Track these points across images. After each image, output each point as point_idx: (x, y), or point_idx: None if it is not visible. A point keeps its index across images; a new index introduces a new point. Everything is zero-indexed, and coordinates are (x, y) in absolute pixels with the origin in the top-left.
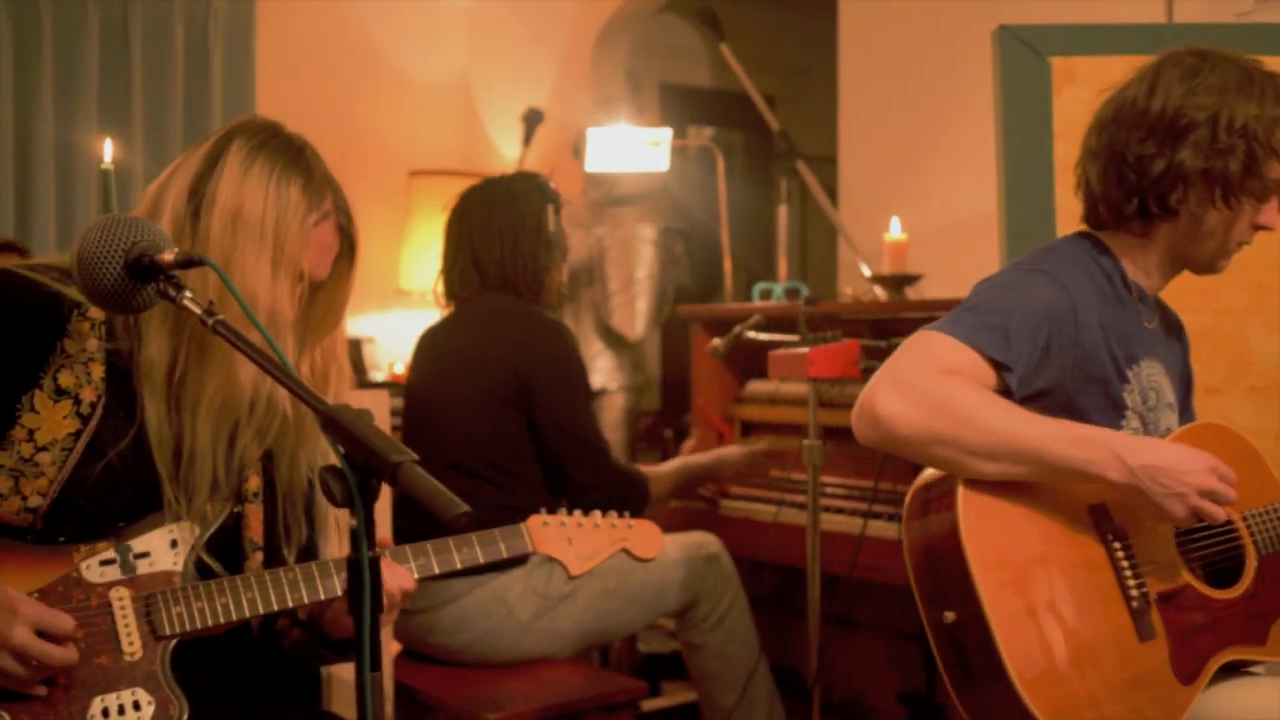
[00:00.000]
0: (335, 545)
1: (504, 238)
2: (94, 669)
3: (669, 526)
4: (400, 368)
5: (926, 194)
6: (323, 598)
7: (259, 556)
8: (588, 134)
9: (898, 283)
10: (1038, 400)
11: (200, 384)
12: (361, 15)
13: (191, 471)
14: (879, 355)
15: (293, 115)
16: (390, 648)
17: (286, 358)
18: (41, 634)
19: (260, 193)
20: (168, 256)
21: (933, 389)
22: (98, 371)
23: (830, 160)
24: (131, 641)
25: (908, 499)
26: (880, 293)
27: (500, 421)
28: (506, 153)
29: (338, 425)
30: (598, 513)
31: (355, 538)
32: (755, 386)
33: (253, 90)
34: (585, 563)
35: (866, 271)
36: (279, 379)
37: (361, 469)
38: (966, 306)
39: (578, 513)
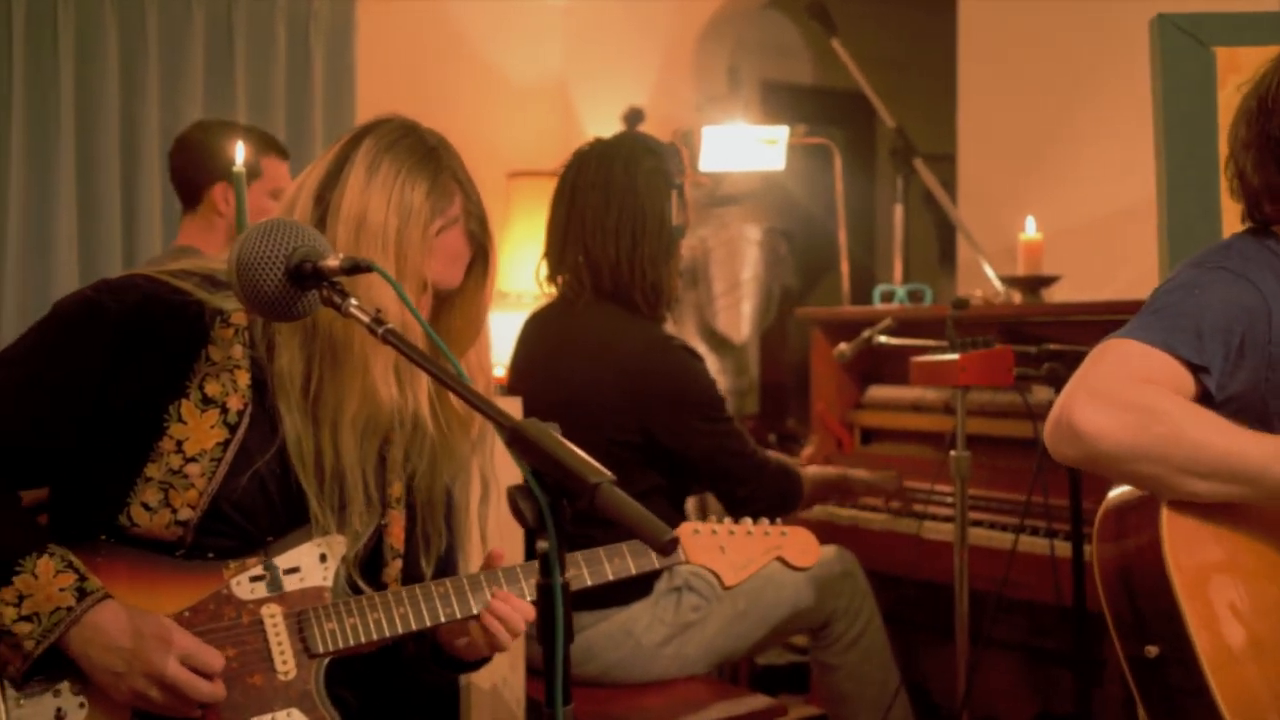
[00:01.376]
0: (476, 558)
1: (621, 239)
2: (247, 689)
3: None
4: (500, 371)
5: (1058, 191)
6: (475, 612)
7: (398, 564)
8: (703, 132)
9: (1033, 285)
10: (1227, 406)
11: (338, 399)
12: (460, 15)
13: (339, 488)
14: (1031, 362)
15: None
16: (519, 663)
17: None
18: (191, 668)
19: (383, 200)
20: (332, 262)
21: (1136, 400)
22: (243, 379)
23: (933, 157)
24: (285, 660)
25: (1099, 519)
26: (1014, 295)
27: (619, 458)
28: None
29: (527, 442)
30: (749, 520)
31: (546, 562)
32: (877, 392)
33: (353, 91)
34: (740, 572)
35: (991, 273)
36: (457, 391)
37: (552, 489)
38: (1151, 310)
39: (728, 520)
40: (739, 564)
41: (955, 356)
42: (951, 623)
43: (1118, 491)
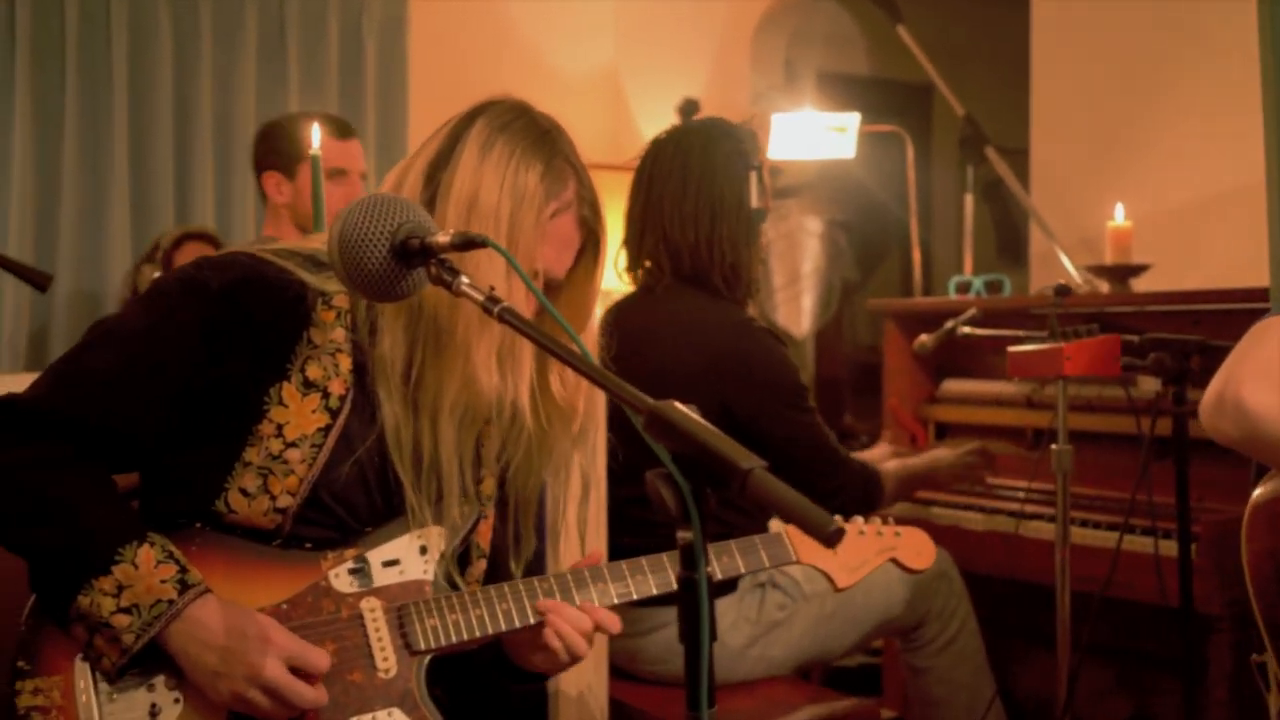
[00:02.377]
0: (573, 557)
1: (700, 222)
2: (347, 686)
3: None
4: None
5: (1139, 179)
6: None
7: (483, 564)
8: (772, 119)
9: (1121, 274)
10: None
11: (438, 387)
12: (511, 8)
13: (436, 479)
14: (1137, 351)
15: (444, 108)
16: (602, 664)
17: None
18: (293, 669)
19: (496, 181)
20: (442, 238)
21: None
22: (345, 364)
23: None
24: (386, 657)
25: (1248, 517)
26: (1101, 285)
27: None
28: None
29: (667, 425)
30: (860, 520)
31: (689, 555)
32: (952, 385)
33: (405, 84)
34: (853, 574)
35: (1067, 262)
36: (583, 371)
37: (696, 475)
38: None
39: (838, 518)
40: (852, 565)
41: (1060, 345)
42: (1040, 624)
43: (1267, 488)
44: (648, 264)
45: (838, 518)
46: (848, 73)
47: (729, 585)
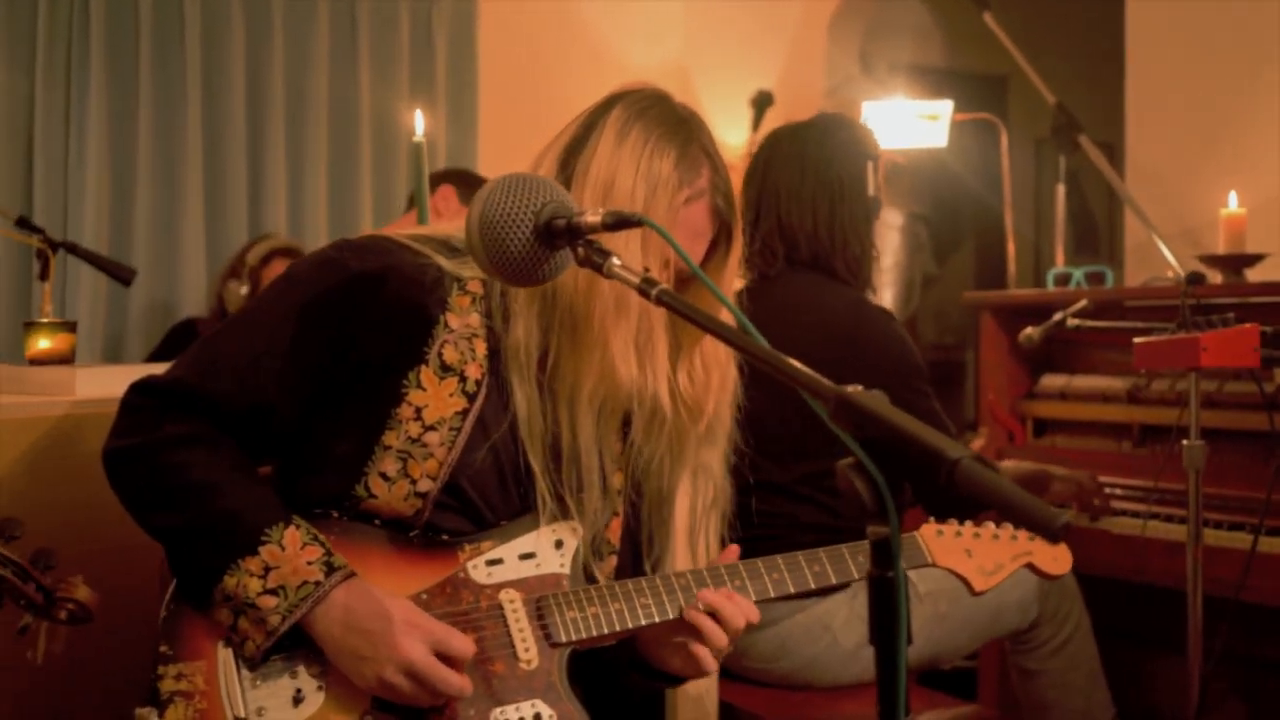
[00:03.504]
0: (683, 556)
1: (818, 207)
2: (489, 677)
3: None
4: None
5: (1250, 166)
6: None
7: (612, 561)
8: (864, 108)
9: (1236, 263)
10: None
11: (576, 375)
12: (581, 3)
13: (575, 470)
14: (1273, 343)
15: (514, 104)
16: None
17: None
18: (439, 655)
19: (631, 166)
20: (592, 218)
21: None
22: (481, 348)
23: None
24: (527, 649)
25: None
26: (1214, 275)
27: (816, 431)
28: (732, 139)
29: (860, 413)
30: (991, 524)
31: (881, 551)
32: (1051, 380)
33: (475, 81)
34: (989, 578)
35: (1167, 252)
36: (753, 354)
37: (891, 466)
38: None
39: (970, 523)
40: (987, 569)
41: (1195, 336)
42: (1156, 628)
43: None
44: (759, 250)
45: (967, 524)
46: (924, 64)
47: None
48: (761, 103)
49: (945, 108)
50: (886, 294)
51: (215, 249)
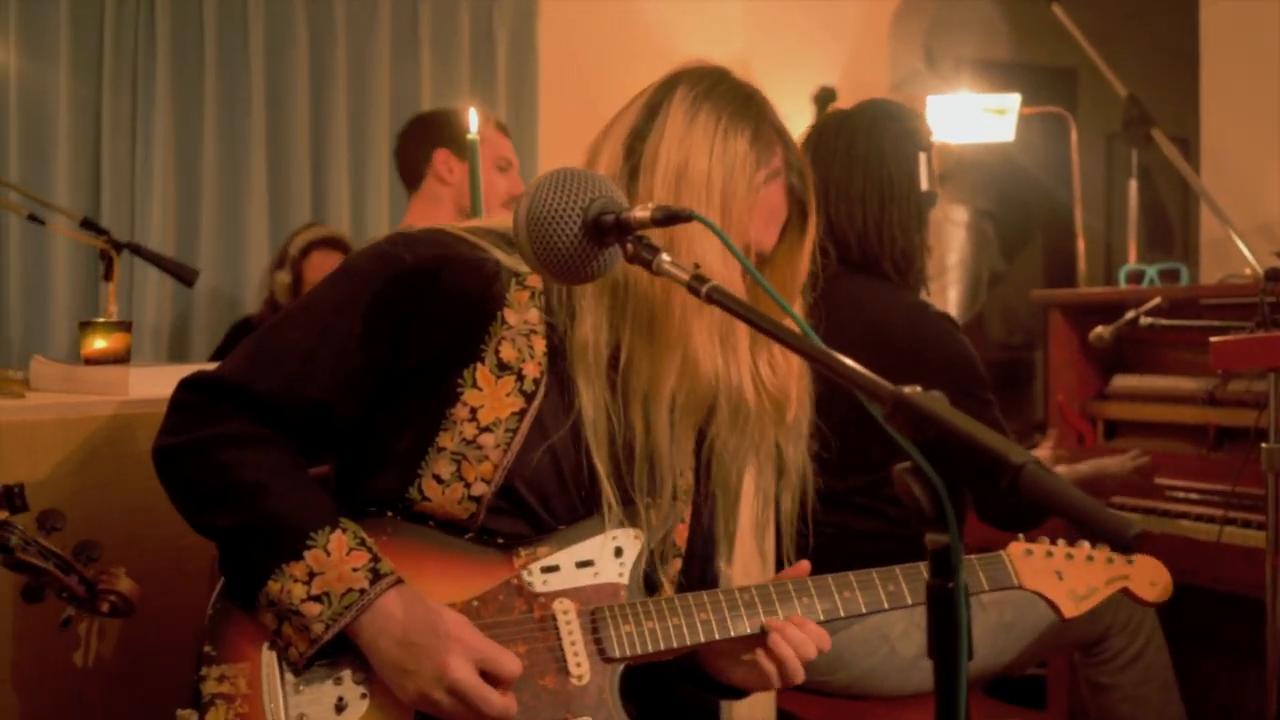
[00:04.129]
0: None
1: (868, 204)
2: (538, 692)
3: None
4: None
5: None
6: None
7: (677, 564)
8: (928, 102)
9: None
10: None
11: (654, 372)
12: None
13: (648, 471)
14: None
15: (574, 101)
16: None
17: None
18: (483, 672)
19: (705, 147)
20: (641, 213)
21: None
22: (540, 346)
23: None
24: (579, 663)
25: None
26: None
27: (877, 441)
28: (794, 136)
29: (918, 415)
30: (1085, 544)
31: (941, 560)
32: (1123, 381)
33: (535, 78)
34: (1080, 603)
35: (1245, 249)
36: (809, 354)
37: (954, 472)
38: None
39: (1061, 543)
40: (1080, 593)
41: (1276, 334)
42: (1235, 637)
43: None
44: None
45: (1059, 544)
46: (990, 58)
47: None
48: (824, 99)
49: (1012, 101)
50: (952, 292)
51: (279, 243)
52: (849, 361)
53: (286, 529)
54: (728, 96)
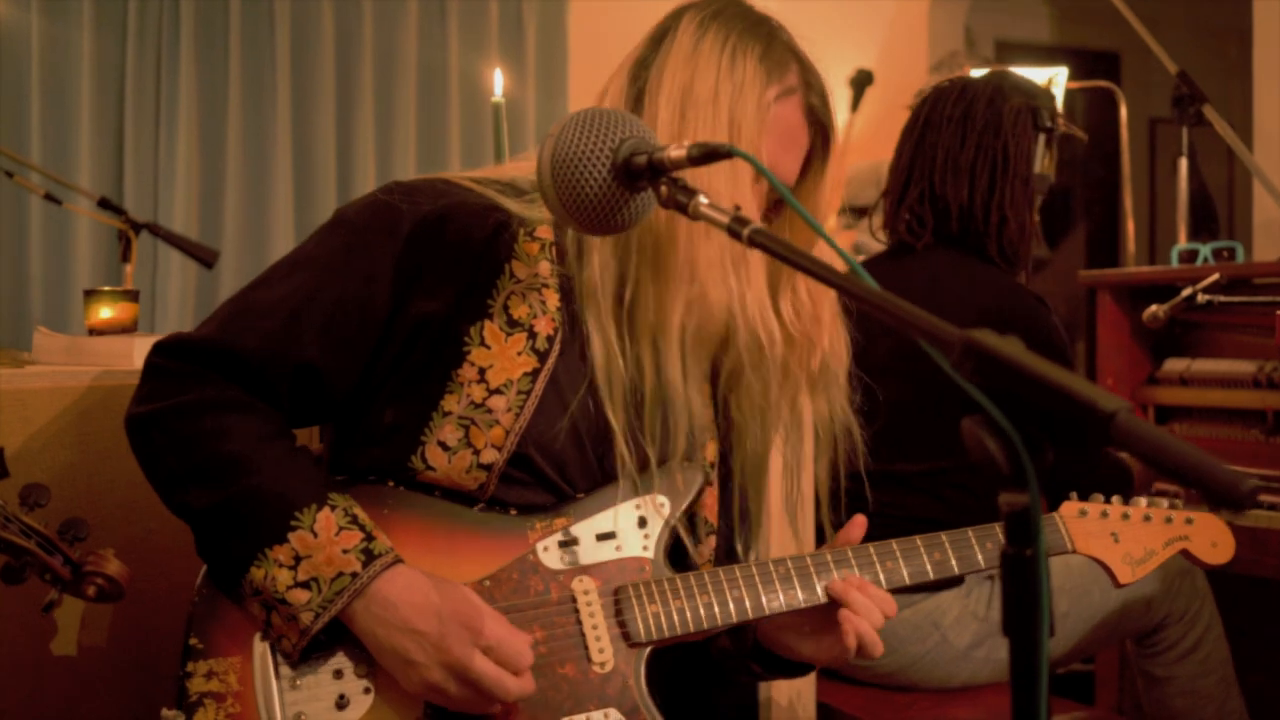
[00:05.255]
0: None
1: (978, 178)
2: (557, 681)
3: None
4: None
5: None
6: (824, 600)
7: (712, 541)
8: (971, 75)
9: None
10: None
11: (660, 304)
12: None
13: (659, 419)
14: None
15: (603, 70)
16: None
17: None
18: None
19: (712, 66)
20: (676, 152)
21: None
22: (552, 300)
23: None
24: (601, 649)
25: None
26: None
27: (952, 425)
28: None
29: (994, 361)
30: (1142, 500)
31: (1018, 523)
32: (1175, 365)
33: (565, 55)
34: (1137, 568)
35: None
36: (859, 297)
37: (1032, 423)
38: None
39: (1116, 500)
40: (1136, 557)
41: None
42: None
43: None
44: (906, 218)
45: (1114, 502)
46: (1031, 40)
47: (957, 577)
48: (861, 82)
49: (1060, 75)
50: None
51: (303, 230)
52: (906, 303)
53: (268, 508)
54: (738, 17)
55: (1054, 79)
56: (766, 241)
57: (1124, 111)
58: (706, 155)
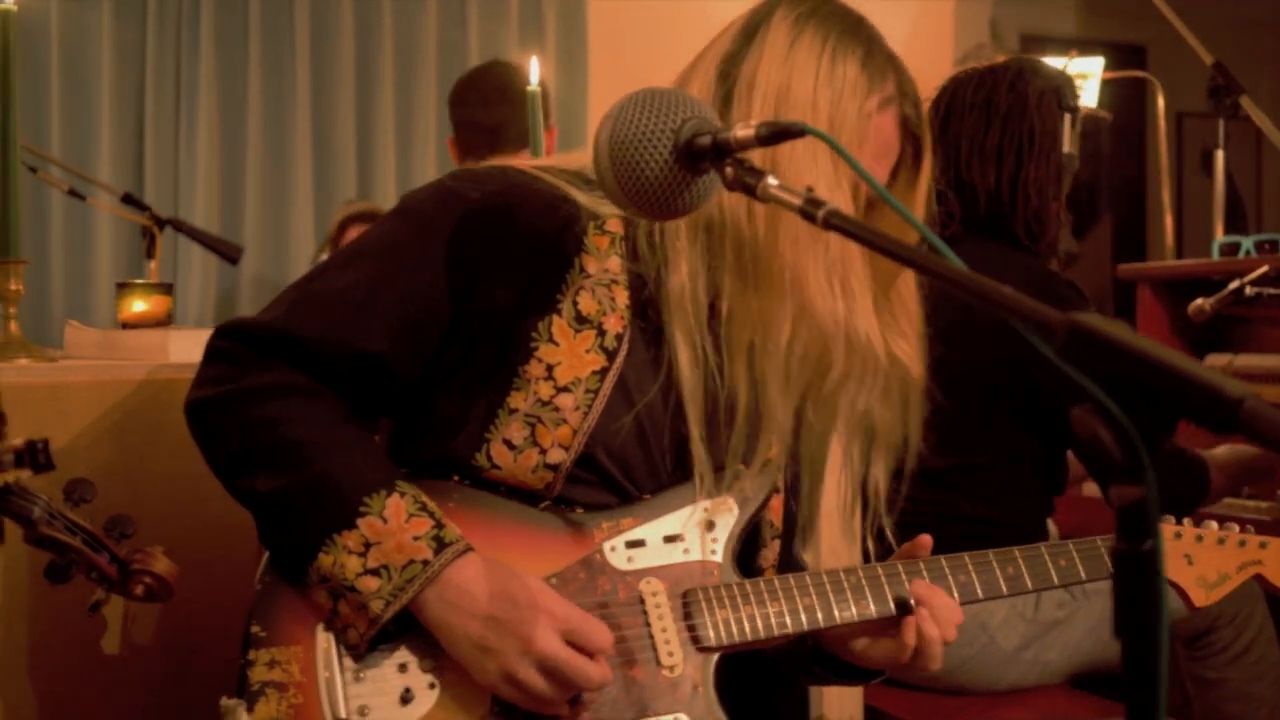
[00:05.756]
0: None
1: (1004, 160)
2: (627, 684)
3: None
4: None
5: None
6: (894, 613)
7: (776, 547)
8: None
9: None
10: None
11: (763, 322)
12: None
13: (745, 435)
14: None
15: (623, 69)
16: None
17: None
18: (570, 644)
19: (810, 69)
20: (743, 132)
21: None
22: (622, 297)
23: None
24: (671, 652)
25: None
26: None
27: (994, 421)
28: None
29: (1105, 343)
30: (1213, 524)
31: (1131, 518)
32: (1217, 361)
33: (585, 48)
34: (1212, 591)
35: None
36: (958, 284)
37: (1147, 411)
38: None
39: (1188, 523)
40: (1210, 580)
41: None
42: None
43: None
44: (934, 209)
45: (1186, 524)
46: (1056, 33)
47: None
48: None
49: (1095, 65)
50: None
51: (323, 223)
52: (1006, 288)
53: (337, 494)
54: (836, 17)
55: (1088, 70)
56: (844, 224)
57: (1161, 102)
58: (777, 134)
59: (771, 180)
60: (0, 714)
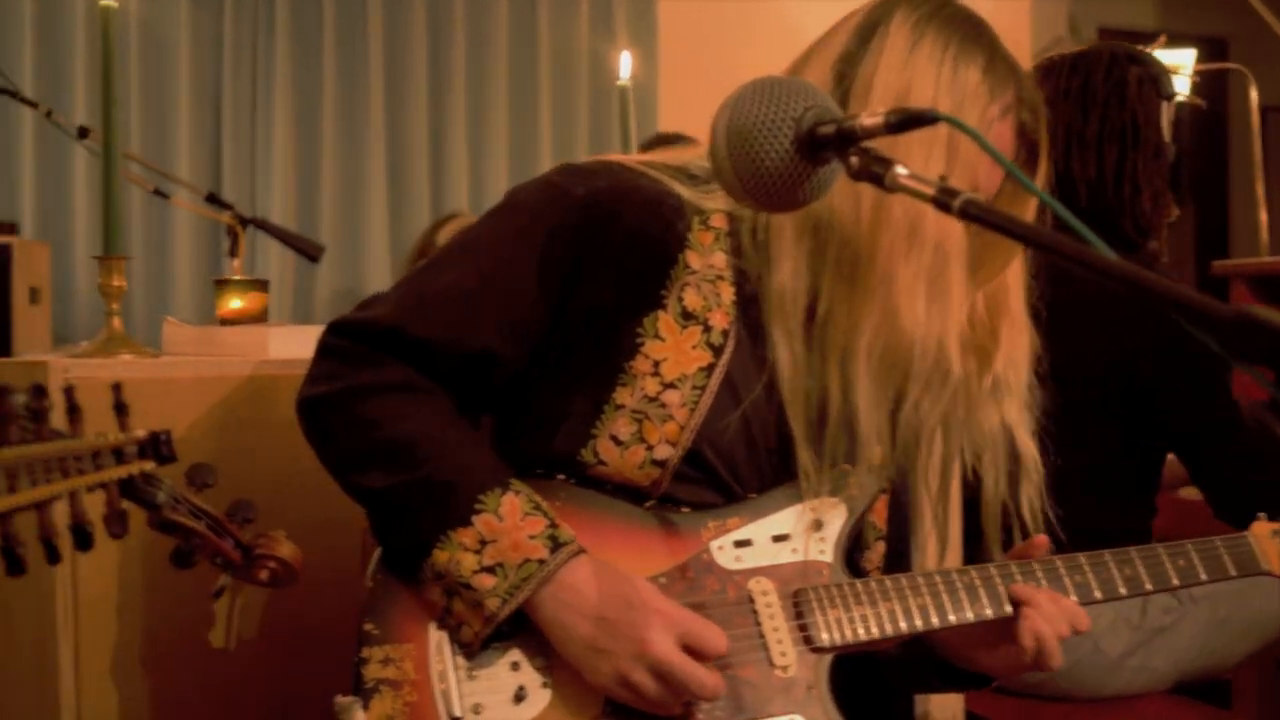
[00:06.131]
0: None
1: (1106, 152)
2: (739, 685)
3: None
4: None
5: None
6: (1010, 614)
7: (880, 548)
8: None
9: None
10: None
11: (852, 322)
12: None
13: (844, 437)
14: None
15: (692, 70)
16: None
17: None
18: (685, 647)
19: (931, 74)
20: (870, 120)
21: None
22: (728, 293)
23: None
24: (783, 652)
25: None
26: None
27: (1086, 423)
28: None
29: (1274, 335)
30: None
31: None
32: None
33: (655, 51)
34: None
35: None
36: (1105, 272)
37: None
38: None
39: None
40: None
41: None
42: None
43: None
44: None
45: None
46: (1136, 27)
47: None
48: None
49: (1187, 57)
50: None
51: (397, 220)
52: (1160, 277)
53: (452, 491)
54: (957, 21)
55: (1179, 63)
56: (982, 213)
57: (1254, 94)
58: (906, 121)
59: (901, 169)
60: (115, 704)
